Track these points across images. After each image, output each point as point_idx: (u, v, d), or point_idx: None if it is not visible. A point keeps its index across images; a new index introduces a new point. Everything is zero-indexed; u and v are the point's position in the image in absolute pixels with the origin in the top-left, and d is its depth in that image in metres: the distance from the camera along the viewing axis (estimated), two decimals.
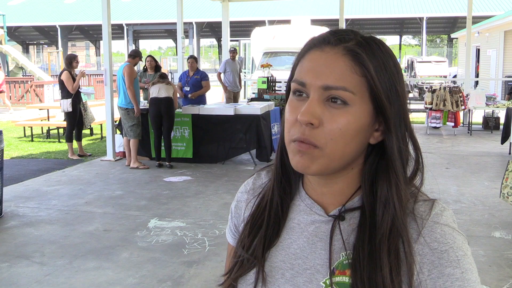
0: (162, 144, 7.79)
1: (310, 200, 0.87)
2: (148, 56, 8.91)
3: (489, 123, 11.39)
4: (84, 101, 9.04)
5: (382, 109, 0.79)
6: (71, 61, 8.56)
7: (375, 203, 0.80)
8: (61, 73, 8.59)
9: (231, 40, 16.69)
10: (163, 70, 11.37)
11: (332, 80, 0.77)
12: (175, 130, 7.99)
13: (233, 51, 11.22)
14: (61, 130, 11.02)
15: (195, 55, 11.29)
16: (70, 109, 8.50)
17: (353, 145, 0.79)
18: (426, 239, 0.78)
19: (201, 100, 9.02)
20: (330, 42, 0.80)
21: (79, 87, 8.65)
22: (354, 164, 0.84)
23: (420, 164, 0.84)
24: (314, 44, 0.82)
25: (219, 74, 11.16)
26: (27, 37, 45.03)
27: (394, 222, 0.78)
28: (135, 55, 7.84)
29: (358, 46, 0.79)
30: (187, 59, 8.98)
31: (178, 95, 8.42)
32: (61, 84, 8.48)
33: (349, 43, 0.79)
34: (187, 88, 8.89)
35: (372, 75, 0.78)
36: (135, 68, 7.94)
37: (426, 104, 11.18)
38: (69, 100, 8.44)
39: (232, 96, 11.03)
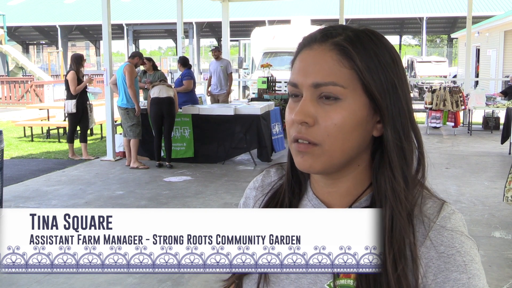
0: (163, 144, 7.80)
1: (317, 200, 0.86)
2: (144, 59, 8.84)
3: (489, 123, 11.39)
4: (89, 101, 8.88)
5: (375, 101, 0.78)
6: (80, 61, 8.45)
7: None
8: (67, 72, 8.50)
9: (231, 40, 16.66)
10: (163, 70, 11.32)
11: (320, 76, 0.76)
12: (175, 130, 7.98)
13: (214, 50, 10.43)
14: (61, 130, 11.03)
15: (195, 55, 11.13)
16: (74, 110, 8.43)
17: (352, 140, 0.77)
18: (433, 242, 0.76)
19: (193, 99, 8.95)
20: (317, 39, 0.79)
21: (85, 87, 8.50)
22: (360, 160, 0.82)
23: (422, 159, 0.81)
24: (304, 44, 0.81)
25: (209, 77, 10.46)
26: (27, 37, 44.98)
27: (394, 220, 0.75)
28: (134, 55, 7.86)
29: (346, 40, 0.78)
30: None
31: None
32: (67, 83, 8.39)
33: (336, 38, 0.78)
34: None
35: (359, 67, 0.76)
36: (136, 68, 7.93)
37: (426, 104, 11.18)
38: (73, 101, 8.36)
39: (214, 100, 10.03)
